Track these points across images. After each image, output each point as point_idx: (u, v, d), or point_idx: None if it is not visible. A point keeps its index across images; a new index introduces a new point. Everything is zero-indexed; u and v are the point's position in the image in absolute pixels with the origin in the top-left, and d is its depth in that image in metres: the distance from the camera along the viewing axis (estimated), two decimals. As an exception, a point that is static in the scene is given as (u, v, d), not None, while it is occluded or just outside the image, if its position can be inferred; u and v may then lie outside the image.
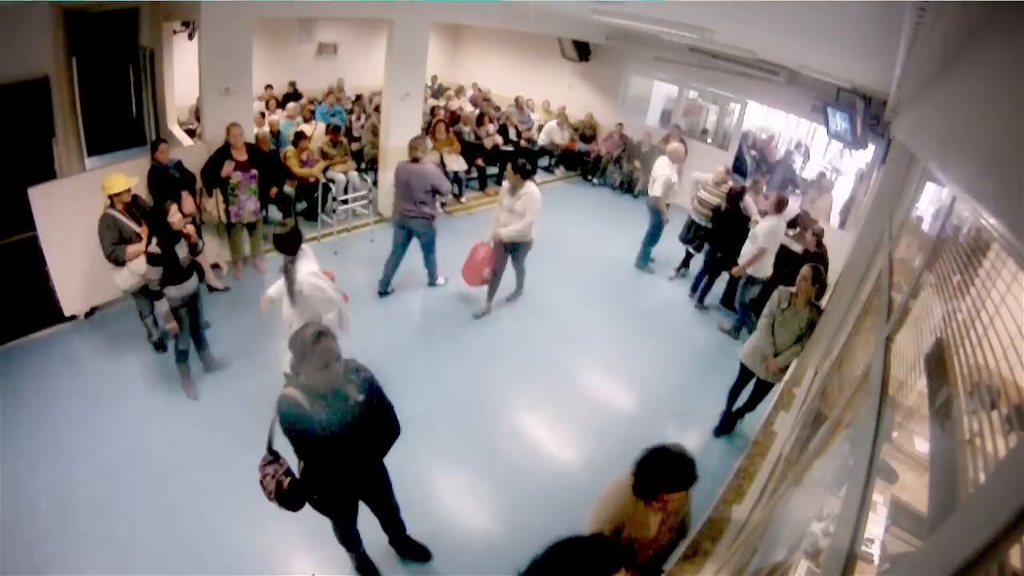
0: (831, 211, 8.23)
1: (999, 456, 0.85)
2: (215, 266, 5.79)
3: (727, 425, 4.48)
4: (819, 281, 3.81)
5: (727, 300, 6.40)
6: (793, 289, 3.89)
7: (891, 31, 2.19)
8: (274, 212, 6.60)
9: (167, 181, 4.79)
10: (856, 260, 4.08)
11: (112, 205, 3.98)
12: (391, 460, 2.73)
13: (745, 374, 4.21)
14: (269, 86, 9.06)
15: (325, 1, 6.25)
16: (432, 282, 5.96)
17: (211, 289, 5.40)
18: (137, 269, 4.02)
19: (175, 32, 7.03)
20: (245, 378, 4.39)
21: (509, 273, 5.59)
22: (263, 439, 3.77)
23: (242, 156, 5.16)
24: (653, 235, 6.91)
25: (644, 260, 7.10)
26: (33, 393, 3.92)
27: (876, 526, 1.78)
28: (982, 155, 1.13)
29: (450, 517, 3.52)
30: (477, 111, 9.64)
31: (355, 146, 8.19)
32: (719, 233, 6.06)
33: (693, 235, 6.62)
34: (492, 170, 9.03)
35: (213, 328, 4.91)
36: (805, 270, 3.82)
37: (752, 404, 4.32)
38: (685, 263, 7.03)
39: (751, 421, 4.38)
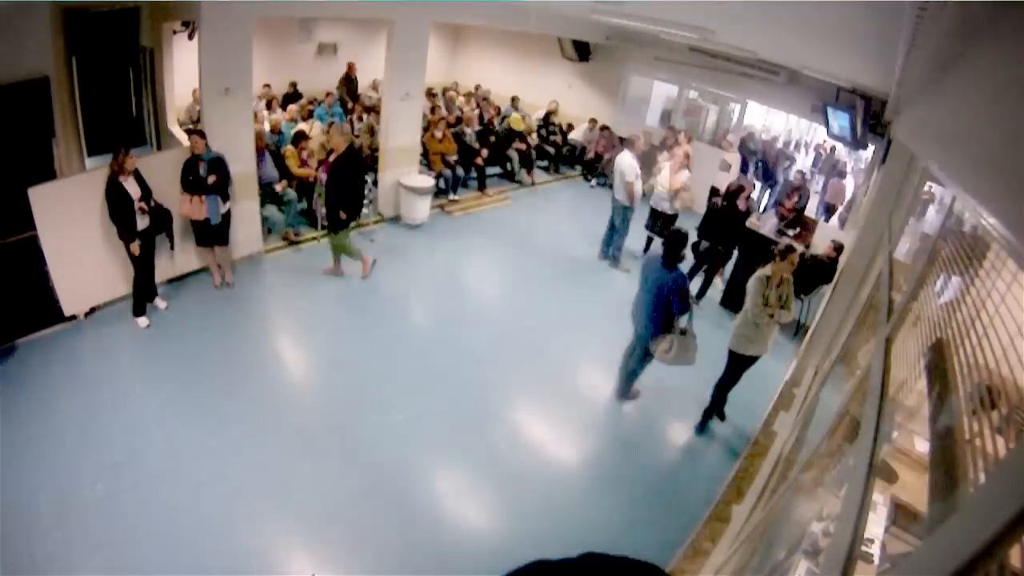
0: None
1: (999, 456, 0.85)
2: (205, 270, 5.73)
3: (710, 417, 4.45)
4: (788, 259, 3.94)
5: (727, 301, 6.41)
6: (767, 272, 4.00)
7: (891, 31, 2.19)
8: (274, 212, 6.59)
9: (195, 174, 4.87)
10: (856, 260, 4.08)
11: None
12: (389, 462, 2.71)
13: (737, 363, 4.19)
14: (267, 85, 9.05)
15: (325, 1, 6.25)
16: None
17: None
18: None
19: (175, 32, 7.02)
20: (247, 381, 4.39)
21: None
22: (263, 441, 3.80)
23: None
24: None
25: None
26: (33, 393, 3.92)
27: (876, 526, 1.78)
28: (982, 155, 1.13)
29: (450, 517, 3.52)
30: (478, 111, 9.65)
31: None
32: (714, 230, 6.13)
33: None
34: (492, 170, 9.03)
35: (216, 330, 4.92)
36: (782, 250, 3.96)
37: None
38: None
39: (751, 421, 4.38)
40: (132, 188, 4.45)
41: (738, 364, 4.20)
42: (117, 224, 4.44)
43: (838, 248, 5.84)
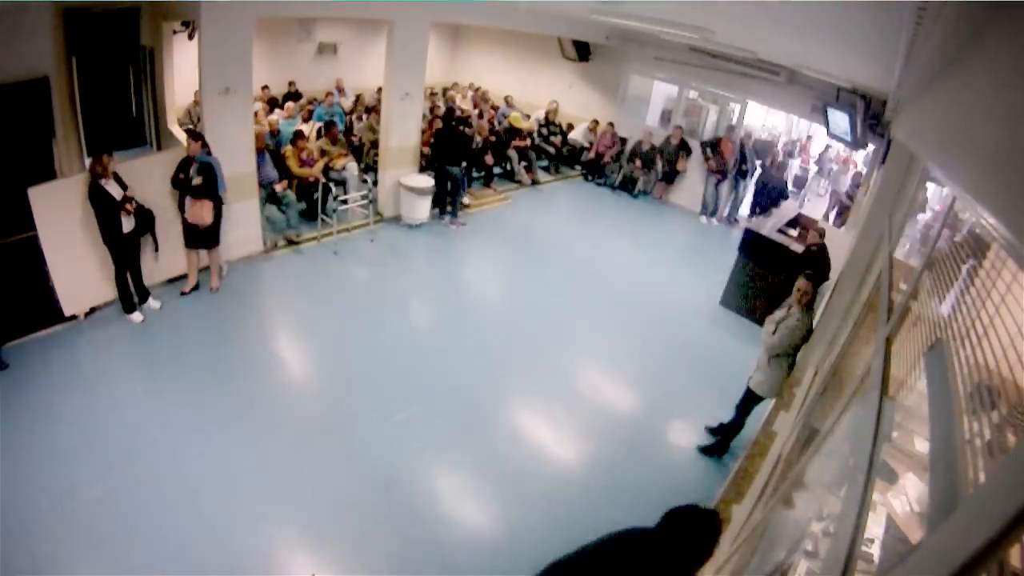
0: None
1: (999, 456, 0.85)
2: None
3: (722, 446, 4.31)
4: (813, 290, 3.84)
5: (727, 300, 6.41)
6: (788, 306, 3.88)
7: (891, 31, 2.19)
8: (273, 211, 6.59)
9: (185, 174, 4.85)
10: (856, 260, 4.08)
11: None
12: (389, 462, 2.70)
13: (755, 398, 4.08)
14: (265, 87, 9.05)
15: (325, 1, 6.25)
16: None
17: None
18: None
19: (175, 32, 7.03)
20: (247, 381, 4.39)
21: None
22: (263, 441, 3.80)
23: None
24: None
25: None
26: (33, 393, 3.92)
27: (876, 526, 1.78)
28: (982, 155, 1.13)
29: (451, 516, 3.52)
30: (478, 111, 9.67)
31: (351, 140, 8.23)
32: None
33: None
34: (496, 169, 9.05)
35: (216, 331, 4.92)
36: (800, 282, 3.84)
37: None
38: None
39: (751, 422, 4.37)
40: (114, 190, 4.42)
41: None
42: (102, 228, 4.43)
43: (821, 233, 5.79)
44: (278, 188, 6.36)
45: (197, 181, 4.86)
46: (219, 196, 5.04)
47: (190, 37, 7.10)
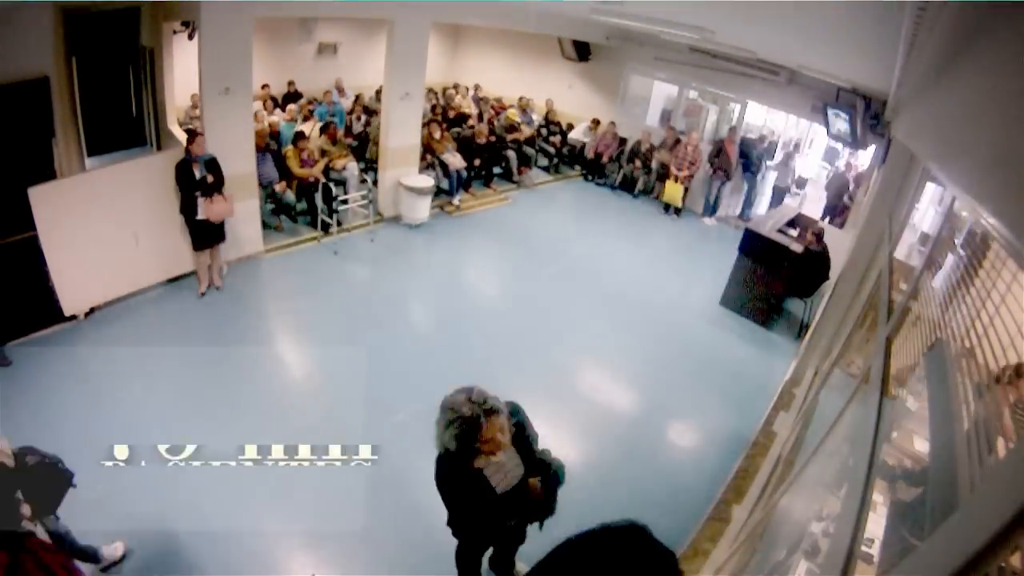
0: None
1: (999, 456, 0.85)
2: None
3: None
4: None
5: (727, 300, 6.41)
6: None
7: (891, 31, 2.19)
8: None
9: (191, 175, 4.86)
10: (856, 260, 4.08)
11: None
12: (389, 461, 2.71)
13: None
14: (265, 85, 9.04)
15: (325, 1, 6.25)
16: None
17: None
18: None
19: (175, 32, 7.02)
20: (246, 381, 4.40)
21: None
22: (262, 441, 3.78)
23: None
24: None
25: None
26: (33, 393, 3.92)
27: (876, 526, 1.78)
28: (982, 155, 1.13)
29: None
30: (478, 111, 9.67)
31: (350, 140, 8.24)
32: None
33: None
34: (496, 169, 9.07)
35: (215, 330, 4.93)
36: None
37: None
38: None
39: (751, 421, 4.37)
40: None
41: None
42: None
43: (819, 234, 5.80)
44: (277, 188, 6.37)
45: (211, 179, 4.92)
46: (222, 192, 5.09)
47: (190, 37, 7.09)
